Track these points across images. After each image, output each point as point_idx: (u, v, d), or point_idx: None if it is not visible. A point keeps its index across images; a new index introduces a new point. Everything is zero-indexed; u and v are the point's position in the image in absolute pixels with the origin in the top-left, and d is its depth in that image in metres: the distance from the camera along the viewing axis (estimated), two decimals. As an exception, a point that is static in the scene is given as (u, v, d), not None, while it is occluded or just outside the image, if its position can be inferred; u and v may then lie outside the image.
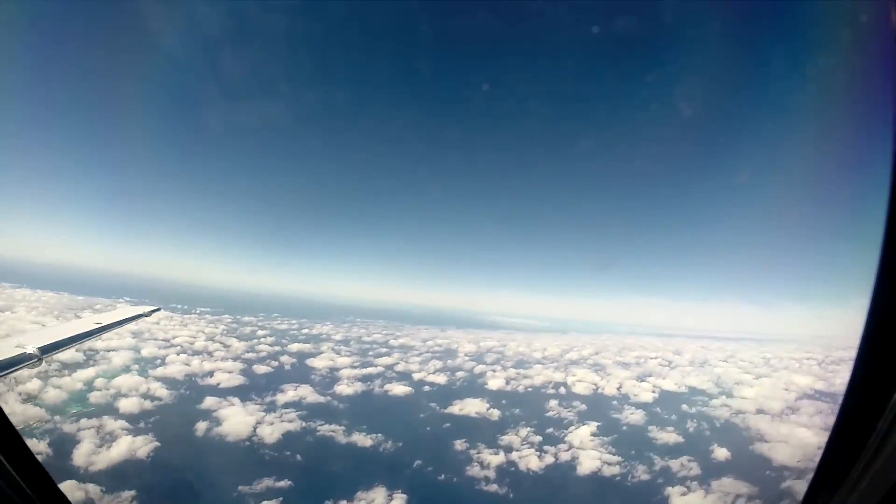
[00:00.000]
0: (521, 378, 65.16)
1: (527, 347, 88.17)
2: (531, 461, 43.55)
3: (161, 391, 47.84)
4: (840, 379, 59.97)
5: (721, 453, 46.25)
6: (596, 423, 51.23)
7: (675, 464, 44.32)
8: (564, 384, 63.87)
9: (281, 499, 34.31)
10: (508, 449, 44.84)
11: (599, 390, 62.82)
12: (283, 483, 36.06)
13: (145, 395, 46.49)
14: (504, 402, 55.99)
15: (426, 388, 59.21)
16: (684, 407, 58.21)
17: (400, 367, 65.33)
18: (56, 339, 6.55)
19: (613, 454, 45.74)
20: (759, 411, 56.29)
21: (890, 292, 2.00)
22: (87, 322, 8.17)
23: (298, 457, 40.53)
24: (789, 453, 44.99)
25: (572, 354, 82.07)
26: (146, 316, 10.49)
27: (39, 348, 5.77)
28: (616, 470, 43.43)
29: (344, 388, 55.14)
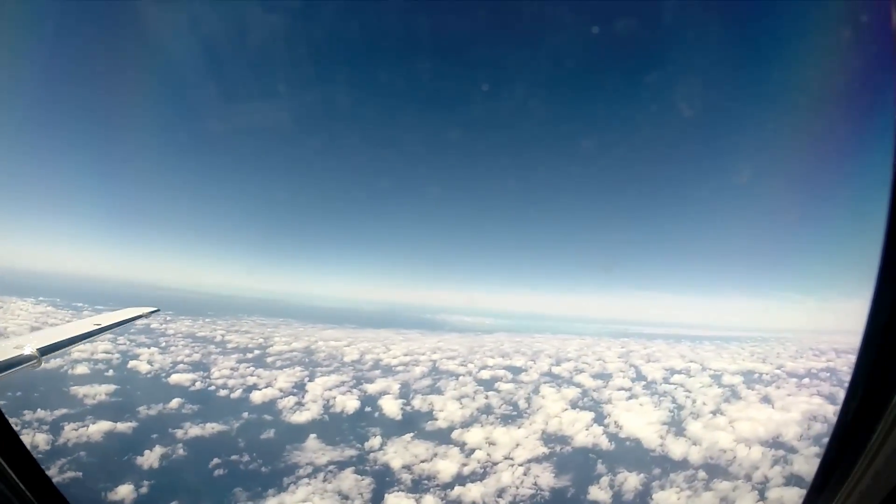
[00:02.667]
0: (249, 384, 58.49)
1: (374, 351, 76.82)
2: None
3: None
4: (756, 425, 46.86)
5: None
6: (157, 446, 42.40)
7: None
8: (300, 394, 55.90)
9: None
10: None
11: (331, 408, 53.05)
12: None
13: None
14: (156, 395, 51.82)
15: (110, 370, 58.24)
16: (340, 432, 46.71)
17: (145, 357, 63.63)
18: (55, 340, 6.57)
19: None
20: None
21: (890, 292, 2.00)
22: (87, 323, 8.20)
23: None
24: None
25: (410, 360, 72.29)
26: (146, 317, 10.53)
27: (39, 349, 5.77)
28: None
29: (51, 364, 54.26)
